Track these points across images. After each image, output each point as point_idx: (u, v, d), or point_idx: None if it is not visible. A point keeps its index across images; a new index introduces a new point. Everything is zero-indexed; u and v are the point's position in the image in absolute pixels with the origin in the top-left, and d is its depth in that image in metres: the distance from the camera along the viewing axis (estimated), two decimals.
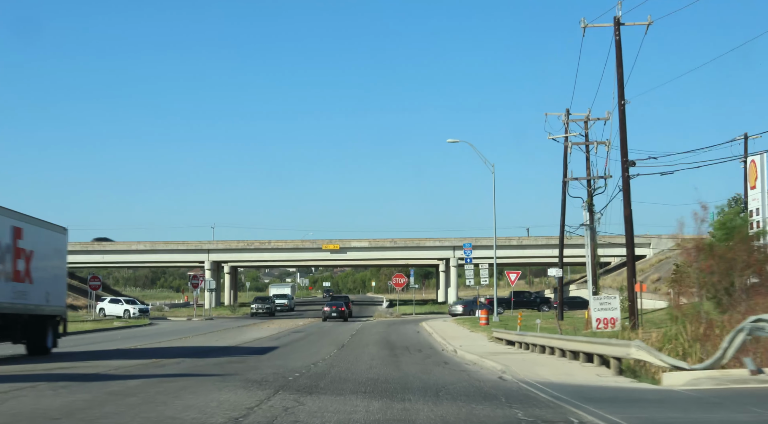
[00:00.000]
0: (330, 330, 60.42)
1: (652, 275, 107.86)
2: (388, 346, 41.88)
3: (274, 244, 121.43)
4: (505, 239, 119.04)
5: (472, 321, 66.89)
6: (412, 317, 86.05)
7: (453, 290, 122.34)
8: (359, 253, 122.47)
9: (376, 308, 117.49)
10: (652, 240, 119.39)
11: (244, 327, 66.51)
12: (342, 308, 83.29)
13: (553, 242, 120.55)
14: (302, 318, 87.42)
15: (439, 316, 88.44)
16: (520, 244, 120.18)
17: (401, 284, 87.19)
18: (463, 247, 73.54)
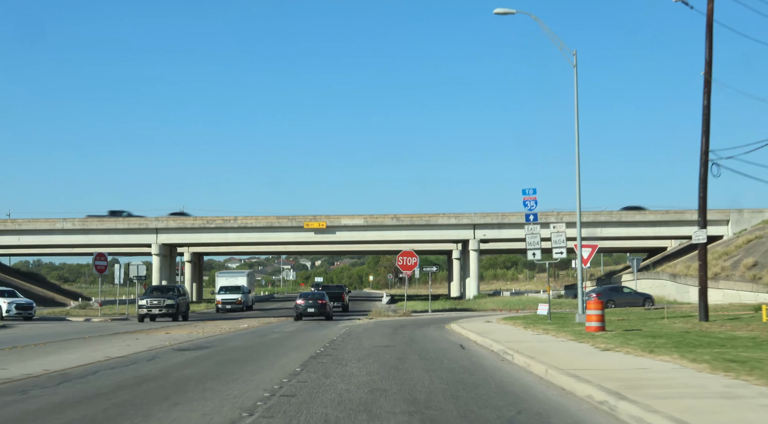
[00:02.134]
0: (278, 343, 30.33)
1: (746, 258, 77.67)
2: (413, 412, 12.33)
3: (241, 221, 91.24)
4: (591, 214, 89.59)
5: (547, 322, 36.98)
6: (428, 316, 55.97)
7: (473, 282, 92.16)
8: (352, 233, 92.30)
9: (374, 304, 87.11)
10: (731, 215, 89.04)
11: (124, 335, 36.46)
12: (321, 301, 53.43)
13: (663, 218, 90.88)
14: (261, 318, 56.96)
15: (464, 314, 58.18)
16: (611, 220, 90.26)
17: (410, 266, 57.09)
18: (524, 194, 42.98)
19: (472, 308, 67.83)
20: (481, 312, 61.65)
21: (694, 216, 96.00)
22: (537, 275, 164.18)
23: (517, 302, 73.00)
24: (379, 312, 55.71)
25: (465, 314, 57.17)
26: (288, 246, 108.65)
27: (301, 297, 55.15)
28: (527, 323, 36.97)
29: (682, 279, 79.90)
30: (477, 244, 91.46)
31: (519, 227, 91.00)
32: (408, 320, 49.77)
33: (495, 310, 65.01)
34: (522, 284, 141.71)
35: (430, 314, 59.26)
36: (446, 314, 58.21)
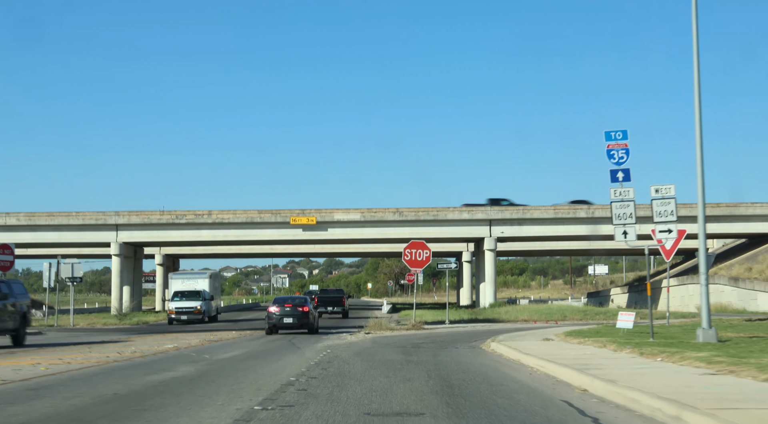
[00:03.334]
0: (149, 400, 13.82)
1: None
2: None
3: (216, 216, 75.82)
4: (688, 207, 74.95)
5: (651, 342, 21.96)
6: (445, 329, 40.65)
7: (489, 287, 76.68)
8: (346, 230, 76.90)
9: (372, 313, 71.69)
10: None
11: None
12: (303, 308, 38.62)
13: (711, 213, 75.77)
14: (219, 332, 41.50)
15: (492, 326, 42.75)
16: None
17: (422, 262, 41.88)
18: (608, 140, 27.36)
19: (496, 319, 52.40)
20: (510, 324, 46.36)
21: (750, 210, 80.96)
22: (551, 282, 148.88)
23: (548, 310, 57.58)
24: (379, 324, 40.13)
25: (494, 327, 41.86)
26: (272, 246, 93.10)
27: (276, 303, 39.94)
28: (625, 343, 21.77)
29: (746, 283, 64.35)
30: (494, 243, 76.03)
31: (543, 223, 75.90)
32: (421, 336, 34.33)
33: (527, 321, 49.67)
34: (535, 292, 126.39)
35: (447, 326, 43.83)
36: (468, 327, 42.89)
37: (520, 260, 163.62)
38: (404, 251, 42.44)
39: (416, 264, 42.22)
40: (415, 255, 42.05)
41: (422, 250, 42.09)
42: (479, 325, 44.74)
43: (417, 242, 42.58)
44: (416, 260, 42.07)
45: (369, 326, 39.61)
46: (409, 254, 42.15)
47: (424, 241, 43.50)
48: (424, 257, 42.05)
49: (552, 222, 75.19)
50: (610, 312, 53.79)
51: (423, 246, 42.23)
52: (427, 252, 42.13)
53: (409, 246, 42.41)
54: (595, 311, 55.72)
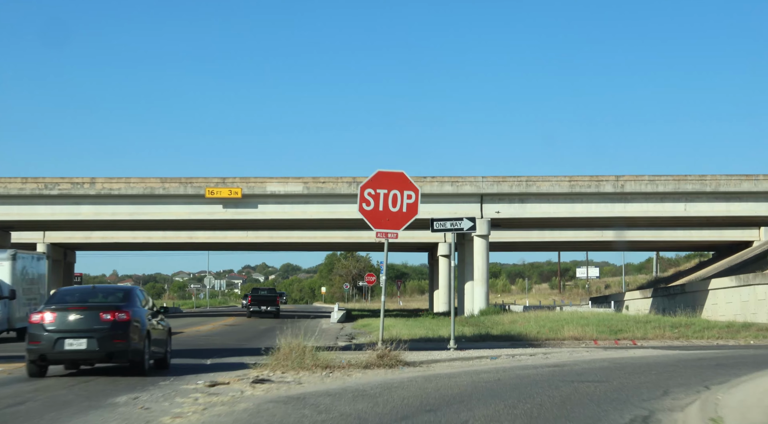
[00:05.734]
0: None
1: None
2: None
3: (102, 186, 52.21)
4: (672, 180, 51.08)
5: None
6: (466, 366, 16.74)
7: (480, 288, 53.85)
8: (283, 207, 53.50)
9: (317, 323, 48.26)
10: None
11: None
12: (111, 316, 14.40)
13: None
14: None
15: (538, 351, 19.21)
16: (703, 190, 51.38)
17: (401, 217, 17.96)
18: None
19: (514, 334, 28.88)
20: (555, 343, 23.17)
21: None
22: (535, 286, 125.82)
23: (594, 319, 33.89)
24: (301, 353, 15.96)
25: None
26: (178, 233, 68.67)
27: (53, 303, 16.23)
28: None
29: None
30: (486, 226, 52.90)
31: (554, 200, 52.97)
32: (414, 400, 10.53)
33: (580, 339, 26.29)
34: (518, 297, 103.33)
35: (453, 353, 19.75)
36: (492, 354, 19.16)
37: (492, 262, 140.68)
38: (362, 194, 18.78)
39: (388, 222, 18.71)
40: (384, 201, 18.55)
41: (400, 189, 18.58)
42: (507, 348, 21.00)
43: (389, 173, 18.94)
44: (387, 211, 18.59)
45: (277, 358, 15.74)
46: (371, 200, 18.63)
47: None
48: (405, 206, 18.58)
49: (566, 198, 52.30)
50: (697, 324, 30.66)
51: (402, 182, 18.73)
52: (411, 196, 18.62)
53: (372, 181, 18.83)
54: (665, 321, 32.44)
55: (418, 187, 19.11)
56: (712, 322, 31.48)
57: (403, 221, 18.82)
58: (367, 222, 19.02)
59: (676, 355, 18.53)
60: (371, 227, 19.05)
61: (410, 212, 18.82)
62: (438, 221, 20.39)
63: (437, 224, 20.29)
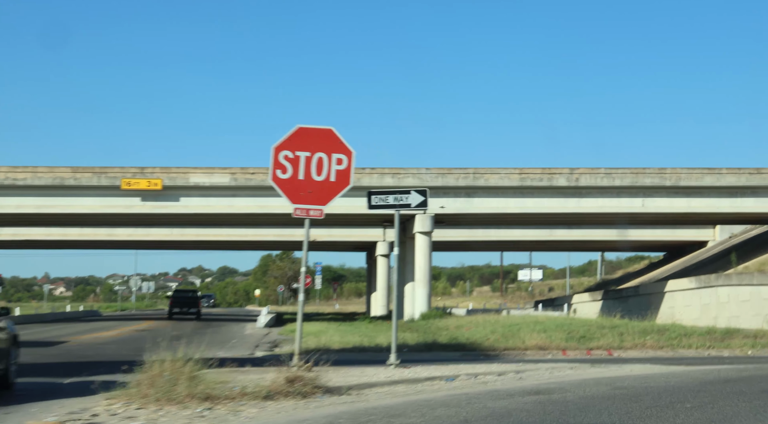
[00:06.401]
0: None
1: None
2: None
3: (5, 175, 46.85)
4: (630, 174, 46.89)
5: None
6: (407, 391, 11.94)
7: (421, 289, 49.46)
8: (209, 201, 48.50)
9: (241, 327, 43.38)
10: None
11: None
12: None
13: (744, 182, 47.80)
14: None
15: (537, 368, 14.54)
16: (663, 184, 47.11)
17: (329, 189, 12.89)
18: None
19: (462, 342, 24.28)
20: (517, 354, 18.74)
21: None
22: (477, 289, 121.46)
23: (552, 323, 29.35)
24: (178, 377, 11.11)
25: (525, 372, 13.51)
26: (96, 229, 62.85)
27: None
28: None
29: None
30: (429, 222, 48.53)
31: (504, 194, 48.64)
32: None
33: (546, 349, 21.72)
34: (460, 300, 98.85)
35: (395, 371, 14.92)
36: (448, 373, 14.40)
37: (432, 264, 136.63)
38: (276, 158, 13.93)
39: (310, 194, 13.90)
40: (305, 167, 13.74)
41: (327, 152, 13.79)
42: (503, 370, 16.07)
43: (313, 130, 14.09)
44: (310, 181, 13.77)
45: (139, 383, 10.77)
46: (288, 166, 13.82)
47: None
48: (333, 174, 13.80)
49: (516, 192, 47.98)
50: (672, 330, 26.27)
51: (330, 142, 13.92)
52: (342, 160, 13.85)
53: (290, 141, 13.99)
54: (633, 327, 27.99)
55: (352, 150, 14.29)
56: (689, 327, 27.18)
57: (331, 192, 14.04)
58: (283, 194, 14.19)
59: (684, 372, 13.99)
60: (289, 202, 14.21)
61: (341, 181, 14.05)
62: (377, 194, 15.67)
63: (376, 199, 15.57)
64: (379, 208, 15.62)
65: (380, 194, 15.55)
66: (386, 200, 15.57)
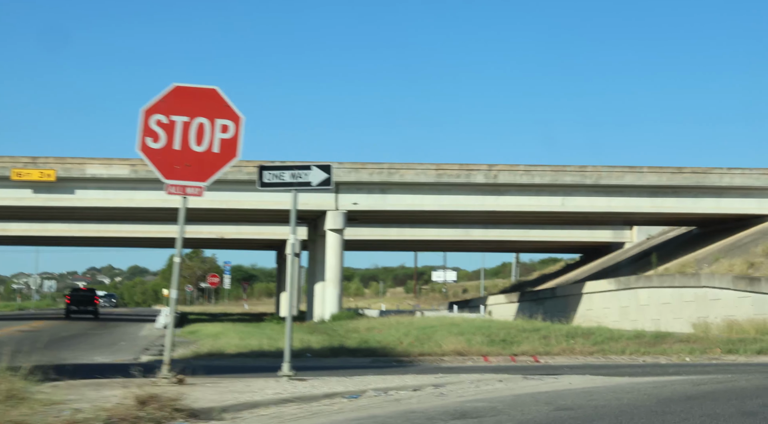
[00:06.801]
0: None
1: None
2: None
3: None
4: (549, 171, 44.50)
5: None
6: None
7: (332, 289, 47.05)
8: (106, 194, 45.17)
9: (137, 327, 40.35)
10: None
11: None
12: None
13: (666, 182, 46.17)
14: None
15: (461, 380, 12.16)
16: (583, 182, 45.31)
17: (212, 161, 10.05)
18: None
19: (373, 348, 21.96)
20: (433, 359, 16.57)
21: (726, 180, 52.78)
22: (390, 290, 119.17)
23: (469, 326, 27.08)
24: None
25: (446, 385, 11.08)
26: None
27: None
28: None
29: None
30: (341, 219, 46.13)
31: (420, 190, 46.60)
32: None
33: (466, 355, 19.44)
34: (372, 301, 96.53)
35: (285, 384, 12.27)
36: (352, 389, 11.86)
37: (345, 265, 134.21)
38: (146, 124, 11.25)
39: (188, 169, 11.27)
40: (183, 135, 11.08)
41: (210, 117, 11.13)
42: (419, 383, 13.40)
43: (193, 90, 11.44)
44: (188, 152, 11.12)
45: None
46: (161, 133, 11.13)
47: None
48: (217, 144, 11.18)
49: (433, 189, 45.84)
50: (598, 334, 24.24)
51: (214, 105, 11.27)
52: (228, 127, 11.22)
53: (164, 103, 11.30)
54: (555, 330, 25.87)
55: (242, 116, 11.72)
56: (615, 331, 25.18)
57: (213, 166, 11.51)
58: (154, 168, 11.59)
59: (633, 386, 11.78)
60: (161, 176, 11.60)
61: (226, 152, 11.52)
62: (270, 170, 13.03)
63: (269, 176, 12.91)
64: (273, 186, 13.05)
65: (274, 170, 12.98)
66: (281, 177, 13.00)
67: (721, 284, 38.61)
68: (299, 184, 12.94)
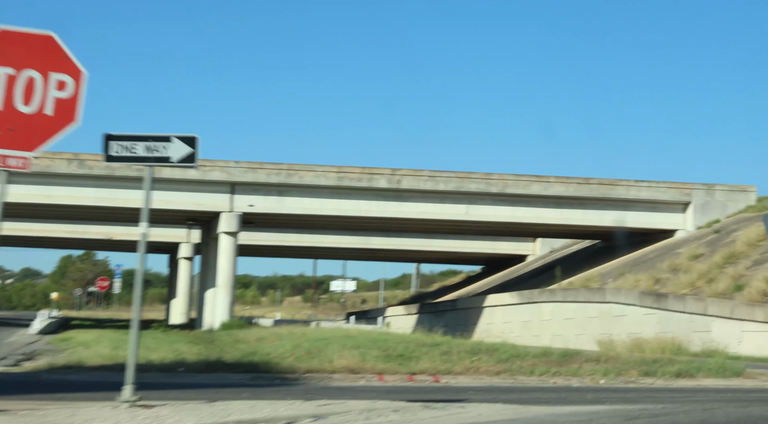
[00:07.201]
0: None
1: None
2: None
3: None
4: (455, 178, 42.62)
5: None
6: None
7: (224, 296, 44.28)
8: None
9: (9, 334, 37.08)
10: (694, 194, 46.05)
11: None
12: None
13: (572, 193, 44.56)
14: None
15: None
16: (488, 190, 44.08)
17: (33, 132, 7.25)
18: None
19: (267, 361, 19.38)
20: (322, 377, 14.56)
21: (633, 192, 51.63)
22: (288, 298, 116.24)
23: (366, 338, 24.87)
24: None
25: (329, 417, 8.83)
26: None
27: None
28: None
29: (684, 302, 34.93)
30: (236, 221, 43.57)
31: (320, 194, 44.36)
32: None
33: (359, 372, 17.27)
34: (268, 310, 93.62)
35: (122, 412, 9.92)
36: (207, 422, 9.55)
37: (244, 273, 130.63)
38: None
39: (12, 134, 8.71)
40: (6, 92, 8.52)
41: (43, 70, 8.67)
42: (294, 413, 10.94)
43: (22, 35, 8.97)
44: (12, 112, 8.61)
45: None
46: None
47: None
48: (50, 104, 8.74)
49: (333, 193, 43.67)
50: (502, 351, 22.32)
51: (49, 55, 8.79)
52: (65, 83, 8.76)
53: None
54: (458, 345, 23.85)
55: (84, 71, 9.30)
56: (521, 348, 23.28)
57: (45, 132, 9.09)
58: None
59: (552, 419, 9.63)
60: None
61: (63, 115, 9.12)
62: (118, 140, 10.40)
63: (117, 147, 10.27)
64: (123, 160, 10.58)
65: (124, 141, 10.47)
66: (133, 150, 10.47)
67: (627, 300, 37.30)
68: (155, 159, 10.46)
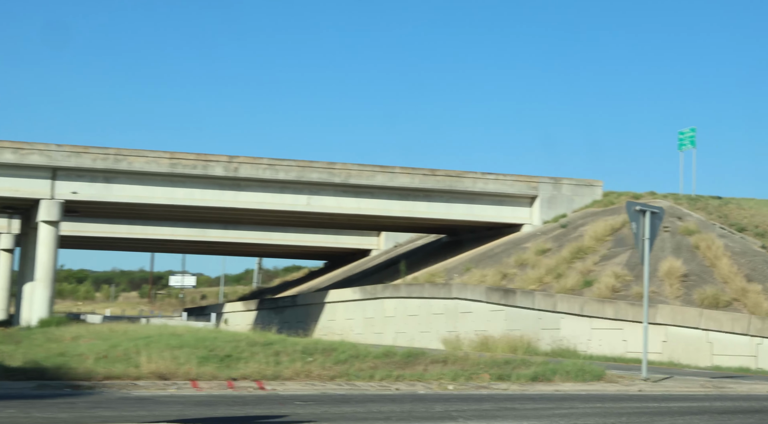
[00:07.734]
0: None
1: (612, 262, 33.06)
2: None
3: None
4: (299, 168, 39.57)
5: None
6: None
7: (43, 290, 40.57)
8: None
9: None
10: (540, 188, 45.00)
11: None
12: None
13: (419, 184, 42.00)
14: None
15: None
16: (332, 180, 41.20)
17: None
18: None
19: (61, 365, 16.40)
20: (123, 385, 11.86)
21: (480, 185, 50.12)
22: (123, 294, 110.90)
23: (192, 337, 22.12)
24: None
25: None
26: None
27: None
28: None
29: (532, 298, 33.57)
30: (57, 210, 39.81)
31: (151, 181, 41.13)
32: None
33: (166, 377, 14.49)
34: (100, 306, 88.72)
35: None
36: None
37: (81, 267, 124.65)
38: None
39: None
40: None
41: None
42: None
43: None
44: None
45: None
46: None
47: None
48: None
49: (166, 180, 40.59)
50: (341, 350, 19.94)
51: None
52: None
53: None
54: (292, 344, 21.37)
55: None
56: (361, 348, 20.93)
57: None
58: None
59: None
60: None
61: None
62: None
63: None
64: None
65: None
66: None
67: (474, 296, 35.62)
68: None
